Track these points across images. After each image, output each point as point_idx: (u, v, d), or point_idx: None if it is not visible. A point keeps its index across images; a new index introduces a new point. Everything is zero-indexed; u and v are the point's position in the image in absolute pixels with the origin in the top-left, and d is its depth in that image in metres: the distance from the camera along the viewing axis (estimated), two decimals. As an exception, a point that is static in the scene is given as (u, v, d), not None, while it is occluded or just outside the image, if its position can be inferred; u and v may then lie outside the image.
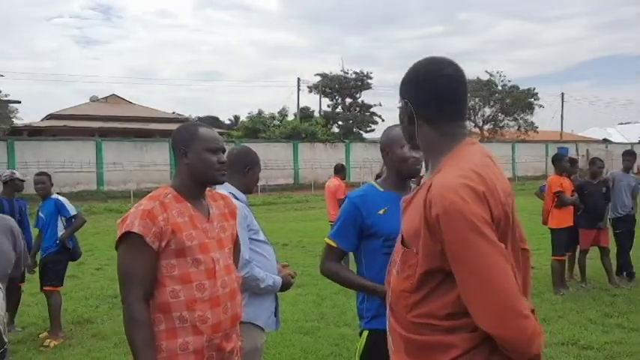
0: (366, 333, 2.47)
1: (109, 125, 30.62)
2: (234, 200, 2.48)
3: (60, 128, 29.26)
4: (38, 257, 5.74)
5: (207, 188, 2.25)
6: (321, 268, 2.52)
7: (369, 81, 45.12)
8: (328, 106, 45.49)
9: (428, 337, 1.43)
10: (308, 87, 44.07)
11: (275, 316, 2.92)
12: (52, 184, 5.80)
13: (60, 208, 5.65)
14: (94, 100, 37.38)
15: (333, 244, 2.47)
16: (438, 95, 1.52)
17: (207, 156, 2.13)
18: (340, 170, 8.74)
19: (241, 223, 2.57)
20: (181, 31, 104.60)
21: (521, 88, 43.91)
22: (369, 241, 2.40)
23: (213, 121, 46.37)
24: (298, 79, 42.31)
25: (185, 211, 2.09)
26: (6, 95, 35.11)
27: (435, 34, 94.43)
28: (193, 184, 2.15)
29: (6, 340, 1.92)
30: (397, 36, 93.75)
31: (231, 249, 2.27)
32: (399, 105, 1.60)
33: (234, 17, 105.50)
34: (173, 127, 25.09)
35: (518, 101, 43.21)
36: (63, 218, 5.67)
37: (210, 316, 2.05)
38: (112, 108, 34.36)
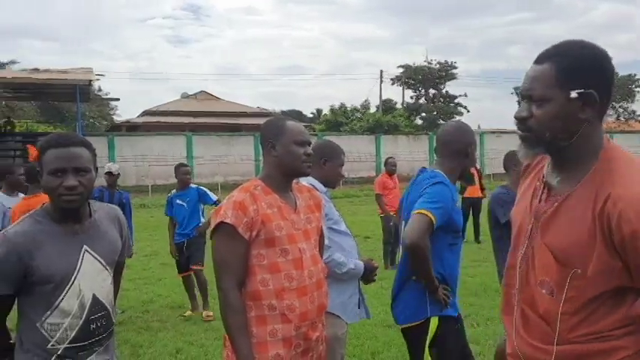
0: (435, 320, 2.50)
1: (198, 120, 31.96)
2: None
3: (154, 124, 30.93)
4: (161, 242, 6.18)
5: (294, 180, 2.30)
6: (415, 238, 2.33)
7: (454, 71, 43.92)
8: (411, 97, 44.80)
9: (590, 345, 1.34)
10: (391, 79, 43.62)
11: (359, 307, 2.94)
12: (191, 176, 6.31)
13: (202, 196, 6.10)
14: (184, 96, 39.15)
15: (433, 219, 2.38)
16: (611, 84, 1.35)
17: (295, 148, 2.19)
18: (385, 164, 8.75)
19: None
20: (265, 27, 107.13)
21: (620, 74, 40.94)
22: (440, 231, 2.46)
23: (296, 115, 47.13)
24: (381, 71, 41.98)
25: (274, 202, 2.16)
26: (106, 94, 37.74)
27: (523, 20, 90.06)
28: (281, 176, 2.22)
29: (114, 320, 2.07)
30: (483, 24, 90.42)
31: (317, 240, 2.33)
32: (566, 97, 1.33)
33: (316, 11, 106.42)
34: (258, 121, 25.74)
35: (617, 88, 40.33)
36: (203, 206, 6.15)
37: (297, 305, 2.11)
38: (201, 104, 35.80)
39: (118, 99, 52.45)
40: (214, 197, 6.19)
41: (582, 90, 1.31)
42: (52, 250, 1.87)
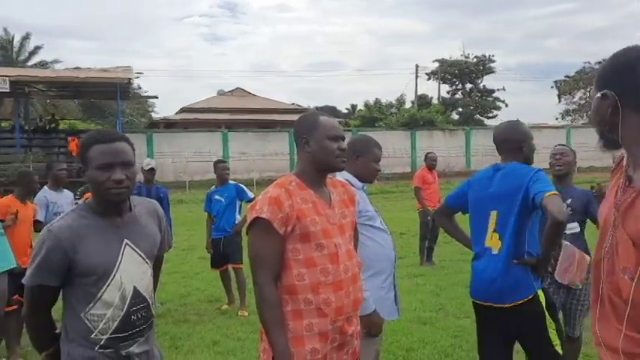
0: (540, 292, 2.83)
1: (234, 117, 32.33)
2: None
3: (191, 121, 31.45)
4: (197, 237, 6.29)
5: (328, 175, 2.31)
6: (562, 216, 2.61)
7: (492, 65, 43.12)
8: (447, 92, 44.24)
9: None
10: (426, 74, 43.13)
11: (395, 304, 2.93)
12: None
13: (240, 193, 6.20)
14: (220, 93, 39.68)
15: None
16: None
17: (328, 143, 2.19)
18: (425, 158, 8.69)
19: None
20: (299, 23, 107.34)
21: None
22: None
23: (330, 111, 47.13)
24: (416, 65, 41.47)
25: (308, 197, 2.17)
26: (145, 91, 38.55)
27: (564, 12, 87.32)
28: (315, 171, 2.22)
29: (154, 313, 2.13)
30: (522, 16, 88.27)
31: (352, 235, 2.33)
32: (598, 97, 1.49)
33: (350, 6, 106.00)
34: (293, 117, 25.89)
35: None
36: (240, 202, 6.25)
37: (333, 299, 2.12)
38: (237, 101, 36.19)
39: (156, 97, 53.65)
40: (251, 195, 6.24)
41: (605, 91, 1.46)
42: (95, 244, 1.93)
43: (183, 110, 35.22)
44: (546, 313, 2.79)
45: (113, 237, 1.98)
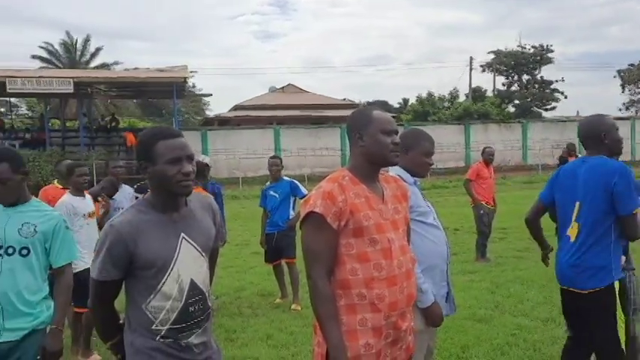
0: (617, 283, 2.96)
1: (286, 113, 32.62)
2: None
3: (243, 118, 31.96)
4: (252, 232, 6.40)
5: (381, 171, 2.29)
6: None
7: (550, 55, 41.59)
8: (503, 84, 43.02)
9: None
10: (481, 66, 42.17)
11: (447, 301, 2.88)
12: (282, 167, 6.38)
13: (294, 189, 6.25)
14: (272, 90, 40.11)
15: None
16: None
17: (382, 138, 2.18)
18: (482, 153, 8.45)
19: None
20: (351, 18, 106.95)
21: None
22: None
23: (382, 105, 46.76)
24: (470, 57, 40.56)
25: (361, 192, 2.16)
26: (200, 90, 39.52)
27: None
28: (368, 166, 2.22)
29: (210, 305, 2.18)
30: (582, 3, 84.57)
31: (405, 230, 2.31)
32: None
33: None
34: (344, 112, 25.80)
35: None
36: (294, 198, 6.28)
37: (387, 294, 2.11)
38: (288, 97, 36.49)
39: (210, 94, 54.91)
40: (305, 191, 6.26)
41: None
42: (154, 238, 2.00)
43: (236, 107, 35.83)
44: (619, 305, 2.92)
45: (171, 231, 2.04)
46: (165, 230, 2.04)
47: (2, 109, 32.70)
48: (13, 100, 34.24)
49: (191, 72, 23.09)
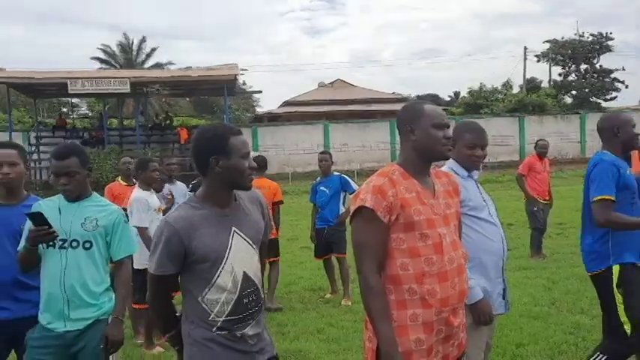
0: (617, 267, 3.12)
1: (335, 108, 32.64)
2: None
3: (293, 114, 32.19)
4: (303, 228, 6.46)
5: (432, 166, 2.27)
6: (603, 219, 3.05)
7: (609, 43, 39.72)
8: (559, 74, 41.41)
9: None
10: (535, 56, 40.63)
11: (503, 298, 2.81)
12: (332, 162, 6.40)
13: (345, 184, 6.26)
14: (321, 85, 40.17)
15: (612, 198, 3.05)
16: None
17: (434, 132, 2.16)
18: (535, 146, 8.15)
19: None
20: (400, 11, 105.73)
21: None
22: (620, 194, 3.08)
23: (432, 99, 46.04)
24: (525, 47, 39.21)
25: (412, 187, 2.14)
26: (250, 87, 40.08)
27: (697, -22, 78.09)
28: (420, 160, 2.20)
29: (263, 296, 2.24)
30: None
31: (457, 226, 2.28)
32: None
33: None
34: (393, 107, 25.47)
35: None
36: (344, 194, 6.27)
37: (438, 290, 2.09)
38: (337, 92, 36.48)
39: (260, 91, 55.54)
40: (355, 186, 6.24)
41: None
42: (207, 232, 2.06)
43: (285, 104, 36.12)
44: (614, 289, 3.10)
45: (223, 225, 2.11)
46: (218, 224, 2.10)
47: (64, 109, 34.24)
48: (74, 100, 35.87)
49: (241, 70, 23.51)
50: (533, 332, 4.70)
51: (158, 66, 38.25)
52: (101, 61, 39.40)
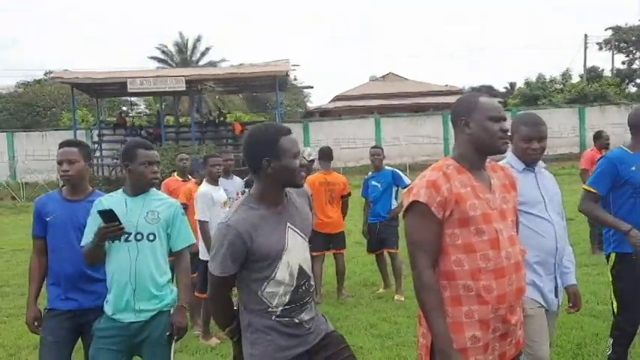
0: (613, 255, 3.41)
1: (386, 102, 32.38)
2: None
3: (344, 108, 32.16)
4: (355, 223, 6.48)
5: (488, 159, 2.22)
6: (580, 207, 3.42)
7: (680, 27, 37.49)
8: (623, 62, 39.49)
9: None
10: (597, 43, 38.89)
11: (556, 295, 2.69)
12: (384, 157, 6.39)
13: (397, 179, 6.25)
14: (372, 79, 39.92)
15: (593, 190, 3.35)
16: None
17: (490, 125, 2.11)
18: (596, 138, 7.75)
19: None
20: (451, 4, 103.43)
21: None
22: (619, 189, 3.32)
23: (487, 90, 44.85)
24: (585, 35, 37.60)
25: (467, 181, 2.11)
26: (301, 82, 40.31)
27: None
28: (475, 154, 2.15)
29: (313, 283, 2.33)
30: None
31: (514, 221, 2.23)
32: None
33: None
34: (446, 100, 24.97)
35: None
36: (396, 188, 6.28)
37: (494, 286, 2.04)
38: (389, 86, 36.17)
39: (311, 86, 55.80)
40: (408, 181, 6.19)
41: None
42: (267, 232, 2.14)
43: (336, 98, 36.13)
44: (610, 274, 3.44)
45: (278, 223, 2.19)
46: (275, 223, 2.18)
47: (124, 108, 35.54)
48: (132, 99, 37.19)
49: (293, 65, 23.65)
50: (594, 331, 4.53)
51: (211, 64, 39.07)
52: (158, 60, 40.64)
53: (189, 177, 5.91)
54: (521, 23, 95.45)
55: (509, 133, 2.19)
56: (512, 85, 47.03)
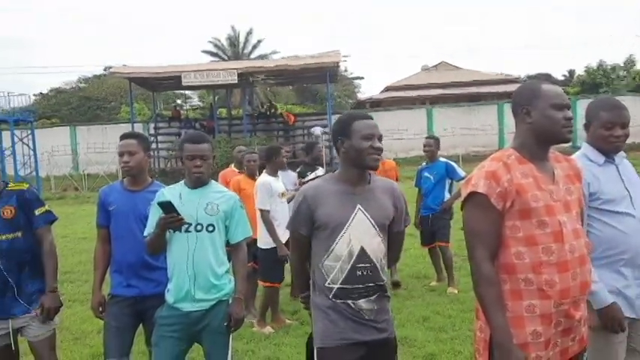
0: None
1: (439, 92, 31.80)
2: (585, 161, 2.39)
3: (395, 99, 31.81)
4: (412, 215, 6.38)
5: (550, 149, 2.13)
6: None
7: None
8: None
9: None
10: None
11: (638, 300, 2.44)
12: (438, 148, 6.27)
13: (450, 172, 6.14)
14: (424, 69, 39.28)
15: None
16: None
17: (553, 113, 2.02)
18: None
19: None
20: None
21: None
22: None
23: (546, 78, 43.15)
24: (651, 19, 35.59)
25: (529, 172, 2.04)
26: (351, 73, 40.16)
27: None
28: (537, 144, 2.07)
29: (384, 278, 2.38)
30: None
31: (579, 213, 2.14)
32: None
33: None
34: (501, 89, 24.23)
35: None
36: (450, 181, 6.17)
37: (557, 280, 1.97)
38: (441, 75, 35.47)
39: (362, 77, 55.41)
40: (462, 173, 6.06)
41: None
42: (331, 204, 2.32)
43: (388, 89, 35.77)
44: None
45: (348, 201, 2.34)
46: (344, 199, 2.34)
47: (179, 101, 36.46)
48: (187, 92, 38.10)
49: (343, 56, 23.56)
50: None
51: (262, 57, 39.46)
52: (211, 54, 41.39)
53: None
54: (521, 23, 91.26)
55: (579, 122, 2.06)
56: (571, 72, 45.18)
